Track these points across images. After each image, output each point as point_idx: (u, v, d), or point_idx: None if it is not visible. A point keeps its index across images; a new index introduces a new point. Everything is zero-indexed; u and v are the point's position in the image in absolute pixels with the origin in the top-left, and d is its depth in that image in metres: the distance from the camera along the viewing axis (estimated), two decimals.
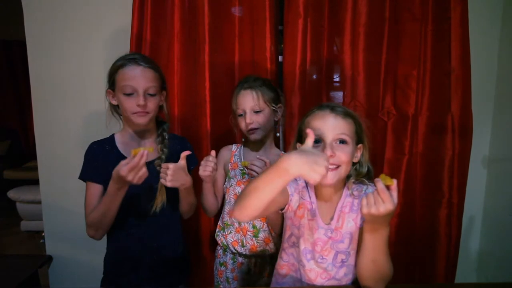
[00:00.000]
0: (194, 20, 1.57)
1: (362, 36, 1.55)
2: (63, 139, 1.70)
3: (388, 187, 0.79)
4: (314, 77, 1.63)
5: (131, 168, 0.94)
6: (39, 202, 1.76)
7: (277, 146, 1.43)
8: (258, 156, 1.12)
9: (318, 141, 0.93)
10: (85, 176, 1.14)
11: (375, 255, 0.86)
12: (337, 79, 1.66)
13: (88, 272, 1.78)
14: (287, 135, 1.62)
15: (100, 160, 1.13)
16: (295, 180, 1.03)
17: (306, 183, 1.04)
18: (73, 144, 1.70)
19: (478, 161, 1.75)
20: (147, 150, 0.98)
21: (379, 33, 1.56)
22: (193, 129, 1.62)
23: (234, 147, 1.37)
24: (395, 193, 0.79)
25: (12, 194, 3.01)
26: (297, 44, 1.55)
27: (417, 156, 1.63)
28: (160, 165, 1.14)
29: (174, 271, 1.26)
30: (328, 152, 0.89)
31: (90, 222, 1.10)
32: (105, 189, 1.09)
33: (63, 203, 1.74)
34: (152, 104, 1.11)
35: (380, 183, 0.79)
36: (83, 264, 1.78)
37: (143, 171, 0.97)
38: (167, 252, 1.22)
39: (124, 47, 1.58)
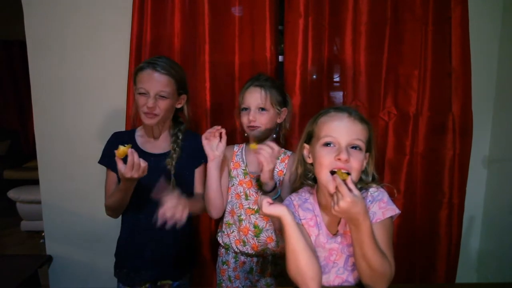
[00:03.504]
0: (194, 20, 1.57)
1: (363, 35, 1.55)
2: (63, 139, 1.70)
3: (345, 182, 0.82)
4: (315, 77, 1.63)
5: (131, 167, 1.03)
6: (39, 202, 1.76)
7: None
8: (268, 142, 1.11)
9: (330, 143, 0.90)
10: (104, 162, 1.25)
11: (365, 251, 0.85)
12: (338, 79, 1.66)
13: (88, 272, 1.78)
14: (287, 135, 1.62)
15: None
16: (292, 206, 1.01)
17: (303, 202, 1.02)
18: (73, 144, 1.70)
19: (478, 161, 1.75)
20: (129, 147, 1.05)
21: (380, 33, 1.56)
22: (193, 129, 1.62)
23: (236, 148, 1.37)
24: (351, 185, 0.81)
25: (12, 194, 3.01)
26: (297, 43, 1.55)
27: (417, 156, 1.63)
28: (171, 164, 1.22)
29: (178, 264, 1.29)
30: (344, 156, 0.86)
31: (107, 205, 1.23)
32: (118, 177, 1.18)
33: (63, 203, 1.74)
34: (161, 107, 1.18)
35: (337, 178, 0.82)
36: (83, 264, 1.78)
37: (143, 166, 1.05)
38: (173, 245, 1.26)
39: (124, 47, 1.58)
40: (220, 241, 1.36)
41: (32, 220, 3.01)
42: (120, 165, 1.04)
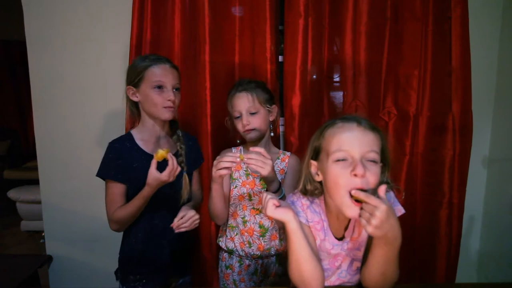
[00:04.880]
0: (194, 20, 1.57)
1: (363, 35, 1.55)
2: (63, 139, 1.70)
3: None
4: (315, 77, 1.63)
5: (170, 171, 1.05)
6: (39, 202, 1.76)
7: (277, 145, 1.43)
8: (251, 148, 1.06)
9: (343, 159, 0.82)
10: (107, 175, 1.16)
11: (386, 268, 0.81)
12: (338, 79, 1.66)
13: (88, 272, 1.78)
14: (288, 135, 1.62)
15: (124, 158, 1.16)
16: (300, 204, 0.96)
17: (311, 202, 0.96)
18: (73, 144, 1.70)
19: (478, 161, 1.75)
20: (167, 150, 1.06)
21: (380, 33, 1.56)
22: (193, 129, 1.62)
23: (234, 150, 1.37)
24: (382, 194, 0.75)
25: (12, 194, 3.00)
26: (297, 44, 1.55)
27: (417, 156, 1.63)
28: (183, 162, 1.22)
29: (182, 262, 1.30)
30: (360, 170, 0.78)
31: (117, 219, 1.16)
32: (130, 187, 1.16)
33: (63, 203, 1.74)
34: (177, 100, 1.20)
35: (360, 193, 0.76)
36: (83, 264, 1.78)
37: (179, 169, 1.08)
38: (182, 242, 1.26)
39: (124, 47, 1.58)
40: (223, 246, 1.34)
41: (32, 220, 3.00)
42: (154, 170, 1.04)
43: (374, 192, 0.79)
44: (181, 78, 1.25)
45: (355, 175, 0.79)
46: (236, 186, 1.30)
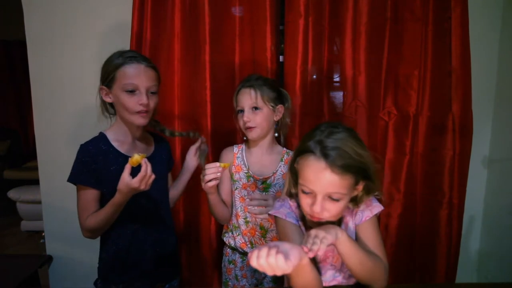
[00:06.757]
0: (194, 20, 1.57)
1: (363, 35, 1.55)
2: (63, 139, 1.70)
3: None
4: (315, 77, 1.63)
5: (142, 178, 0.96)
6: (39, 202, 1.76)
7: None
8: (249, 196, 1.11)
9: (307, 191, 0.84)
10: (79, 180, 1.09)
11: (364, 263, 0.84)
12: (338, 79, 1.66)
13: (88, 272, 1.77)
14: (288, 135, 1.62)
15: (100, 162, 1.09)
16: (288, 205, 0.98)
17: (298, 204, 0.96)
18: (73, 144, 1.68)
19: (478, 161, 1.75)
20: (144, 156, 0.98)
21: (380, 33, 1.56)
22: (193, 129, 1.62)
23: (235, 149, 1.35)
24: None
25: (12, 194, 3.00)
26: (298, 44, 1.55)
27: (417, 156, 1.63)
28: (183, 133, 1.36)
29: (167, 267, 1.27)
30: (317, 209, 0.82)
31: (89, 227, 1.08)
32: (107, 192, 1.08)
33: (63, 203, 1.74)
34: (152, 103, 1.10)
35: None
36: (83, 264, 1.78)
37: (152, 177, 0.99)
38: (165, 246, 1.24)
39: (124, 47, 1.58)
40: (227, 242, 1.35)
41: (32, 220, 3.00)
42: (127, 176, 0.96)
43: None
44: (160, 79, 1.15)
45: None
46: (236, 188, 1.30)
